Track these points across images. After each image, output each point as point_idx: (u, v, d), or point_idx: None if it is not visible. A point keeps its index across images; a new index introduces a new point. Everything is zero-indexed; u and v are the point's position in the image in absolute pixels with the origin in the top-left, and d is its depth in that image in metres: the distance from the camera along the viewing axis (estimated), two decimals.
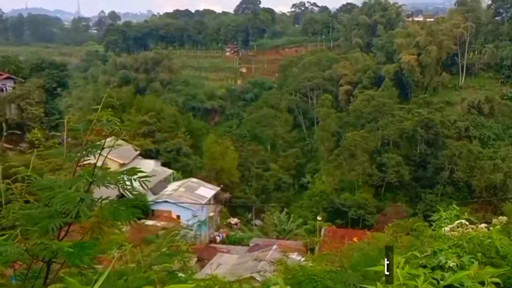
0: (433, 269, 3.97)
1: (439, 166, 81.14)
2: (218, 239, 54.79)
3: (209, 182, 64.16)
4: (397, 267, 2.97)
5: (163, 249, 4.44)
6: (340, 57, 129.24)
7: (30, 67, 58.83)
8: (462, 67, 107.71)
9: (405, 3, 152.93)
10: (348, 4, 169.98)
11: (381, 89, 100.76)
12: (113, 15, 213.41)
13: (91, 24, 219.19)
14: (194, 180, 59.06)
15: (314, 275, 4.11)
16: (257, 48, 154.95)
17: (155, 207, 52.64)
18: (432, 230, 5.19)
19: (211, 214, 57.34)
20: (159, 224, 48.60)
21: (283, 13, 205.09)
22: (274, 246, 39.80)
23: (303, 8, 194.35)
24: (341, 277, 3.98)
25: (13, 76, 56.64)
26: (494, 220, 5.16)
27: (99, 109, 4.12)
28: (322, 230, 47.80)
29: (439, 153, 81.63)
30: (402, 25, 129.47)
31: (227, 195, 72.93)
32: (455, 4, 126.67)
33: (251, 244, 51.37)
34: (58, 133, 59.41)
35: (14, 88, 55.17)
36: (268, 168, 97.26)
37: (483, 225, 4.97)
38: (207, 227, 55.95)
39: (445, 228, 4.79)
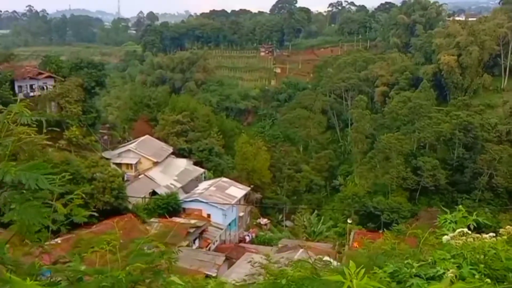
0: (430, 279, 3.80)
1: (478, 171, 78.46)
2: (247, 238, 54.95)
3: (240, 182, 64.49)
4: (355, 278, 2.80)
5: (145, 249, 4.40)
6: (377, 57, 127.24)
7: (70, 66, 60.69)
8: (505, 68, 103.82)
9: (446, 3, 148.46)
10: (386, 3, 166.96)
11: (418, 90, 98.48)
12: (151, 16, 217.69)
13: (130, 24, 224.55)
14: (225, 179, 59.46)
15: (293, 281, 4.06)
16: (292, 48, 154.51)
17: (186, 205, 53.35)
18: (436, 237, 4.88)
19: (241, 214, 57.58)
20: (189, 222, 49.31)
21: (319, 13, 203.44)
22: (302, 249, 39.49)
23: (340, 8, 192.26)
24: (316, 284, 3.91)
25: (54, 75, 58.79)
26: (502, 230, 4.77)
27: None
28: (351, 233, 47.17)
29: (478, 157, 78.92)
30: (443, 24, 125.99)
31: (258, 195, 73.00)
32: (499, 3, 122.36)
33: (279, 245, 51.23)
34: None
35: (54, 86, 57.16)
36: (300, 170, 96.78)
37: (490, 234, 4.61)
38: (236, 226, 56.24)
39: (445, 236, 4.45)
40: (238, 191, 56.60)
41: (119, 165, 56.09)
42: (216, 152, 68.95)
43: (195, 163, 64.40)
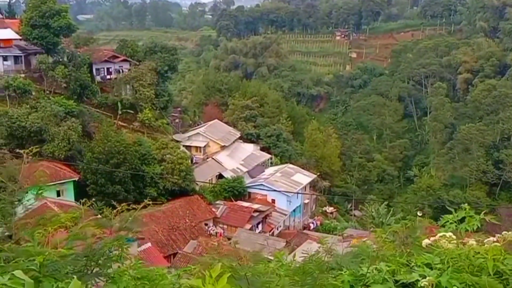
0: (403, 286, 3.50)
1: None
2: (312, 226, 54.11)
3: (308, 169, 63.53)
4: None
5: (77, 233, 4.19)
6: (461, 42, 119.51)
7: (145, 50, 62.77)
8: None
9: None
10: None
11: (505, 78, 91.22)
12: (227, 0, 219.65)
13: (207, 9, 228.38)
14: (291, 166, 58.78)
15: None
16: (369, 32, 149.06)
17: (252, 190, 53.50)
18: (414, 241, 4.29)
19: (306, 201, 56.77)
20: (253, 207, 49.44)
21: None
22: (366, 239, 38.06)
23: None
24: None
25: (129, 59, 61.18)
26: (498, 236, 4.03)
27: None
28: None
29: None
30: None
31: (326, 183, 71.61)
32: None
33: (345, 234, 49.91)
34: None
35: (129, 70, 59.50)
36: (372, 159, 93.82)
37: (491, 238, 3.96)
38: (301, 213, 55.58)
39: (425, 240, 3.99)
40: (304, 178, 55.74)
41: (188, 147, 57.38)
42: (284, 138, 68.32)
43: (262, 149, 64.30)
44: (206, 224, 46.36)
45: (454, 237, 3.89)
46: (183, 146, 56.19)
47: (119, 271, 3.87)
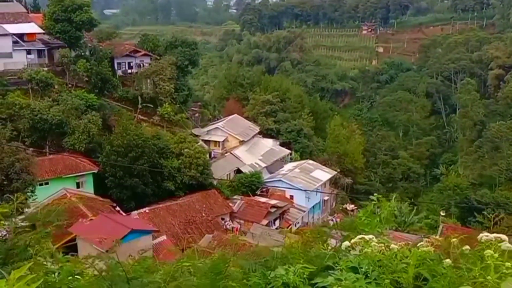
0: None
1: None
2: (331, 223, 53.05)
3: (330, 165, 62.40)
4: None
5: None
6: (493, 37, 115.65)
7: (165, 45, 62.74)
8: None
9: None
10: None
11: None
12: None
13: (231, 3, 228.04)
14: (311, 162, 57.78)
15: None
16: (397, 26, 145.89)
17: (270, 185, 52.83)
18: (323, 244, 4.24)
19: (326, 197, 55.73)
20: (271, 202, 48.75)
21: None
22: (385, 238, 36.97)
23: None
24: None
25: (150, 53, 61.27)
26: (425, 240, 3.89)
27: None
28: (440, 227, 43.26)
29: None
30: None
31: (348, 180, 70.28)
32: None
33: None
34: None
35: (150, 64, 59.58)
36: (397, 156, 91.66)
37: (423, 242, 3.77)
38: (321, 210, 54.64)
39: (345, 242, 3.84)
40: (323, 174, 54.69)
41: (207, 142, 57.12)
42: (305, 134, 67.30)
43: (282, 144, 63.49)
44: (222, 219, 45.97)
45: (375, 239, 3.64)
46: (202, 140, 55.95)
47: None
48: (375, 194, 4.19)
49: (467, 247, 3.61)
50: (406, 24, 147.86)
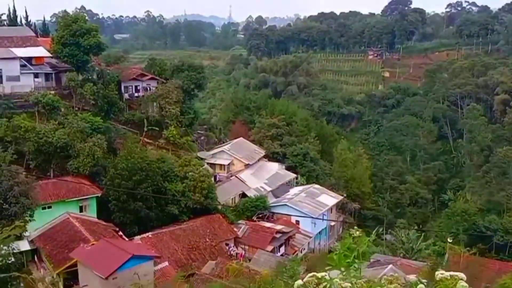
0: None
1: None
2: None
3: (337, 190, 61.73)
4: None
5: None
6: (498, 62, 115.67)
7: (172, 69, 63.24)
8: None
9: None
10: None
11: None
12: (259, 20, 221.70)
13: (239, 29, 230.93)
14: (317, 186, 57.20)
15: None
16: (403, 52, 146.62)
17: (275, 210, 52.19)
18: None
19: (333, 223, 54.89)
20: (276, 227, 48.03)
21: (436, 14, 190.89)
22: (390, 265, 36.29)
23: (459, 8, 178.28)
24: None
25: (156, 77, 61.69)
26: (385, 277, 3.84)
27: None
28: (446, 255, 42.35)
29: None
30: None
31: (356, 205, 69.43)
32: None
33: (371, 260, 47.73)
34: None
35: (156, 88, 59.92)
36: (404, 181, 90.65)
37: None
38: (327, 236, 53.75)
39: (298, 281, 3.80)
40: (329, 199, 54.03)
41: (213, 165, 56.83)
42: (311, 157, 66.87)
43: (288, 168, 63.04)
44: (227, 244, 45.29)
45: (326, 277, 3.54)
46: (208, 163, 55.67)
47: None
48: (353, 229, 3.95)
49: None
50: (412, 49, 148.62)
